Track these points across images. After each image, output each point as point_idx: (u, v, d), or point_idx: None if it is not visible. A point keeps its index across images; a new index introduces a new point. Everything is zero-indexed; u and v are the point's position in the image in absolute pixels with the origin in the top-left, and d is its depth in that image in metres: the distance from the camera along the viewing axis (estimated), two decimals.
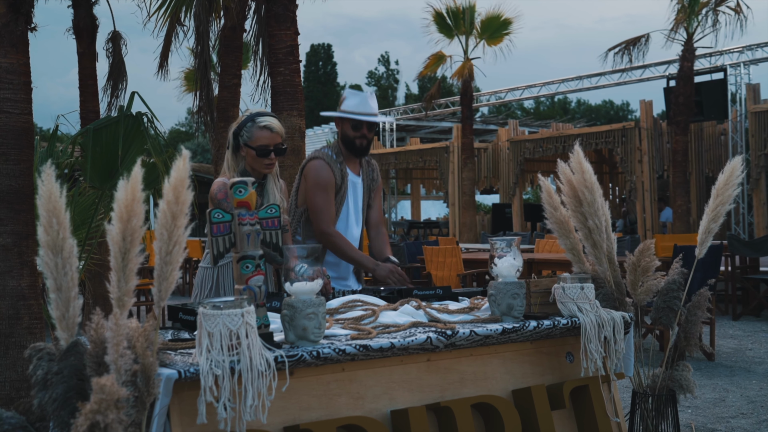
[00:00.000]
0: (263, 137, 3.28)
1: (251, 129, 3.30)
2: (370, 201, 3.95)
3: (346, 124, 3.79)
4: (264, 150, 3.29)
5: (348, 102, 3.80)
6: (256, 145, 3.28)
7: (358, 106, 3.78)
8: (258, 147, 3.28)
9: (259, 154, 3.29)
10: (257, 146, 3.28)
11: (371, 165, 3.98)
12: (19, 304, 3.50)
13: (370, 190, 3.94)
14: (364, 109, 3.78)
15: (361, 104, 3.78)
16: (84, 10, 6.90)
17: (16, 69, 3.57)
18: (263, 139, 3.28)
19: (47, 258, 2.07)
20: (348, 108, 3.78)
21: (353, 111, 3.77)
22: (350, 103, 3.79)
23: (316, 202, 3.70)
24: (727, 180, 3.27)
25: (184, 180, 2.12)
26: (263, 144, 3.28)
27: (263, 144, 3.28)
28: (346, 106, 3.79)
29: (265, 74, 5.68)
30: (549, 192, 3.20)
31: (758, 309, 9.48)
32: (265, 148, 3.29)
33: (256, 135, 3.29)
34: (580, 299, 2.86)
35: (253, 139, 3.29)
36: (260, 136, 3.28)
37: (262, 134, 3.28)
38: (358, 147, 3.79)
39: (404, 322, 2.72)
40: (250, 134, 3.30)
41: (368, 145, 3.83)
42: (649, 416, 3.19)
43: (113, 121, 4.53)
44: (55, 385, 2.04)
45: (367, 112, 3.78)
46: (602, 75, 18.99)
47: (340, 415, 2.41)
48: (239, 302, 2.13)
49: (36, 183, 2.25)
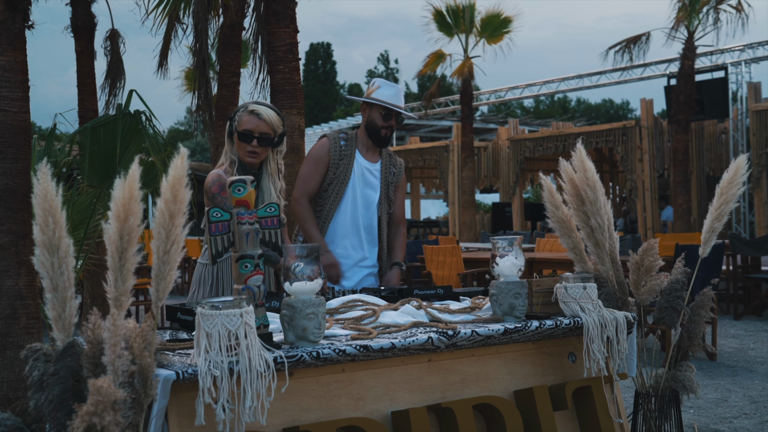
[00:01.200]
0: (249, 122, 3.24)
1: (241, 114, 3.28)
2: (389, 195, 3.94)
3: (375, 112, 3.83)
4: (247, 135, 3.24)
5: (383, 91, 3.83)
6: (241, 129, 3.25)
7: (393, 97, 3.83)
8: (242, 131, 3.24)
9: (241, 138, 3.25)
10: (241, 130, 3.24)
11: (394, 160, 3.99)
12: (17, 303, 3.48)
13: (389, 183, 3.93)
14: (397, 101, 3.84)
15: (395, 96, 3.84)
16: (82, 8, 6.87)
17: (13, 67, 3.54)
18: (248, 124, 3.24)
19: (43, 257, 2.04)
20: (382, 97, 3.81)
21: (388, 102, 3.81)
22: (385, 93, 3.83)
23: (300, 171, 3.84)
24: (732, 178, 3.24)
25: (182, 178, 2.09)
26: (248, 129, 3.24)
27: (248, 129, 3.24)
28: (380, 94, 3.82)
29: (264, 72, 5.64)
30: (551, 191, 3.17)
31: (760, 308, 9.45)
32: (249, 133, 3.24)
33: (243, 119, 3.26)
34: (582, 299, 2.83)
35: (240, 123, 3.26)
36: (246, 121, 3.25)
37: (249, 119, 3.24)
38: (383, 136, 3.84)
39: (405, 322, 2.69)
40: (239, 118, 3.28)
41: (391, 136, 3.89)
42: (652, 417, 3.16)
43: (111, 119, 4.50)
44: (52, 387, 2.01)
45: (400, 105, 3.84)
46: (603, 74, 18.98)
47: (340, 416, 2.39)
48: (238, 302, 2.10)
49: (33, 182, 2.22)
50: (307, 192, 3.78)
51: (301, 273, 2.34)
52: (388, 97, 3.81)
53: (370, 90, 3.87)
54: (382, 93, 3.82)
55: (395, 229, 3.97)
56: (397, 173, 3.97)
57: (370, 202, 3.87)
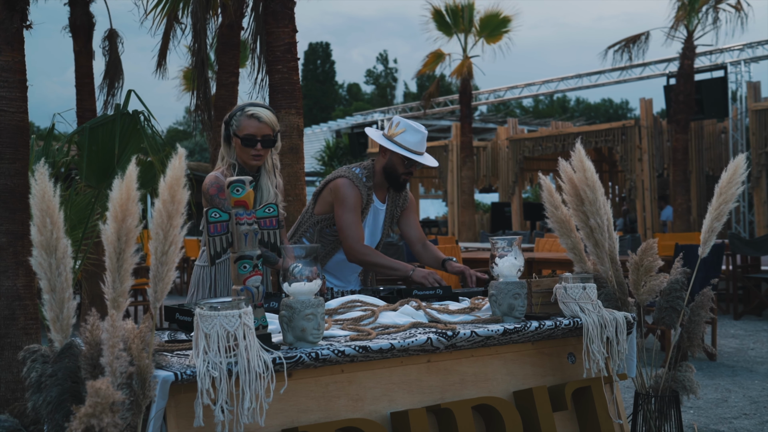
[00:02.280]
0: (250, 126, 3.22)
1: (240, 118, 3.25)
2: (393, 226, 3.91)
3: (397, 158, 3.68)
4: (250, 139, 3.22)
5: (407, 137, 3.67)
6: (243, 134, 3.22)
7: (418, 145, 3.68)
8: (244, 136, 3.22)
9: (245, 144, 3.23)
10: (243, 135, 3.22)
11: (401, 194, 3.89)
12: (15, 304, 3.47)
13: (393, 217, 3.88)
14: (421, 149, 3.71)
15: (420, 144, 3.69)
16: (80, 7, 6.85)
17: (12, 67, 3.53)
18: (250, 128, 3.22)
19: (41, 258, 2.04)
20: (407, 144, 3.66)
21: (413, 150, 3.67)
22: (410, 139, 3.67)
23: (347, 220, 3.61)
24: (731, 178, 3.24)
25: (180, 179, 2.08)
26: (250, 133, 3.22)
27: (250, 133, 3.22)
28: (405, 141, 3.66)
29: (263, 72, 5.63)
30: (550, 191, 3.16)
31: (759, 308, 9.45)
32: (252, 137, 3.22)
33: (243, 124, 3.23)
34: (582, 299, 2.82)
35: (240, 128, 3.24)
36: (247, 125, 3.22)
37: (250, 123, 3.22)
38: (401, 183, 3.74)
39: (404, 322, 2.68)
40: (238, 123, 3.25)
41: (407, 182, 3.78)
42: (651, 417, 3.15)
43: (109, 119, 4.49)
44: (50, 388, 2.01)
45: (423, 153, 3.71)
46: (602, 73, 18.96)
47: (339, 417, 2.38)
48: (237, 303, 2.10)
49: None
50: (362, 238, 3.64)
51: (300, 274, 2.33)
52: (414, 144, 3.66)
53: (393, 132, 3.70)
54: (407, 140, 3.66)
55: (422, 246, 3.88)
56: (402, 204, 3.91)
57: (374, 241, 3.85)
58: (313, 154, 26.68)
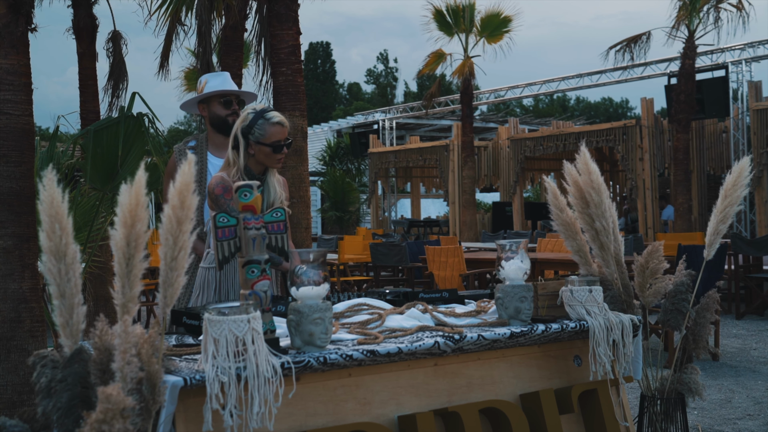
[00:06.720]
0: (277, 133, 3.29)
1: (264, 126, 3.29)
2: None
3: (214, 105, 3.79)
4: (279, 146, 3.30)
5: (212, 83, 3.80)
6: (271, 141, 3.28)
7: (223, 84, 3.80)
8: (273, 143, 3.29)
9: (275, 151, 3.30)
10: (272, 142, 3.28)
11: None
12: (21, 307, 3.47)
13: None
14: (230, 86, 3.80)
15: (225, 83, 3.81)
16: (84, 9, 6.86)
17: (17, 70, 3.54)
18: (277, 135, 3.29)
19: (50, 264, 2.04)
20: (214, 88, 3.78)
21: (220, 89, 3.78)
22: (214, 83, 3.80)
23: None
24: (736, 181, 3.24)
25: (190, 185, 2.09)
26: (278, 140, 3.29)
27: (278, 140, 3.29)
28: (210, 87, 3.79)
29: (267, 74, 5.64)
30: (555, 193, 3.17)
31: (762, 308, 9.45)
32: (279, 143, 3.30)
33: (270, 131, 3.28)
34: (588, 302, 2.83)
35: (267, 135, 3.28)
36: (274, 132, 3.29)
37: (275, 130, 3.29)
38: (232, 124, 3.70)
39: (411, 326, 2.69)
40: (263, 131, 3.29)
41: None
42: (657, 420, 3.16)
43: (114, 122, 4.49)
44: (59, 393, 2.01)
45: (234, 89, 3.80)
46: (603, 73, 18.95)
47: (347, 421, 2.38)
48: (245, 308, 2.10)
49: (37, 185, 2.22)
50: None
51: (308, 278, 2.33)
52: (219, 85, 3.79)
53: (200, 88, 3.84)
54: (212, 85, 3.80)
55: None
56: None
57: None
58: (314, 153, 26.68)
